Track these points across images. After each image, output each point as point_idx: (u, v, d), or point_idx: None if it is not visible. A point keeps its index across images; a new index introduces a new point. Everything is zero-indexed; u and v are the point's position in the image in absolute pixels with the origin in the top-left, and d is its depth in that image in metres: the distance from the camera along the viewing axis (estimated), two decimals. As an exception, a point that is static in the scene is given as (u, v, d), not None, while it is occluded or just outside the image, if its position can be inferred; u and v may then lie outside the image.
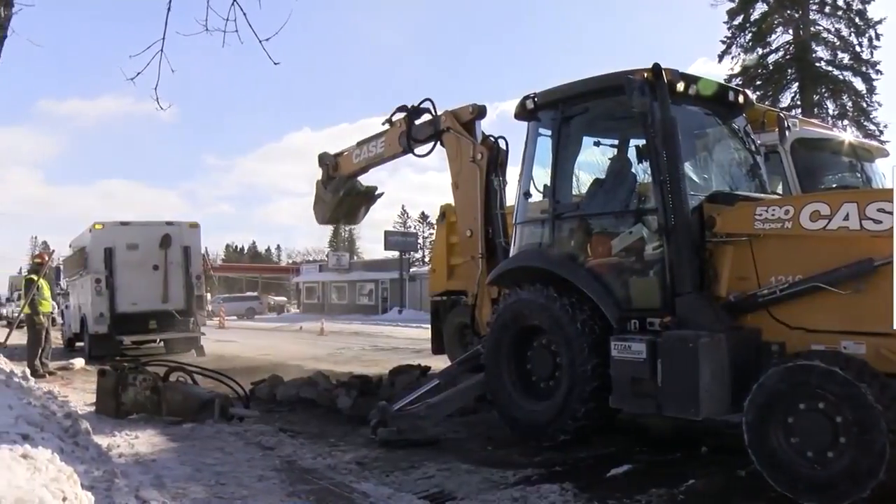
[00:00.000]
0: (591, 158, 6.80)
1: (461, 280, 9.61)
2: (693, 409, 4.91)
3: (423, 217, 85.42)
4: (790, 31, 32.57)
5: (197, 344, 15.77)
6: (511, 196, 7.61)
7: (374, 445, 6.36)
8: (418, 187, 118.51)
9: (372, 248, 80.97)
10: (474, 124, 8.24)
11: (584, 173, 6.73)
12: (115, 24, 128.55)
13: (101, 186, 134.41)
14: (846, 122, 30.57)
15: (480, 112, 8.29)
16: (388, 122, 9.11)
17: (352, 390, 8.37)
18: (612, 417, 6.10)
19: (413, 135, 8.80)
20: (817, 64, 32.14)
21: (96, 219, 16.00)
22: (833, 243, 4.79)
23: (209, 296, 26.62)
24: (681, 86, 5.65)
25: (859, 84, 32.03)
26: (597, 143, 6.74)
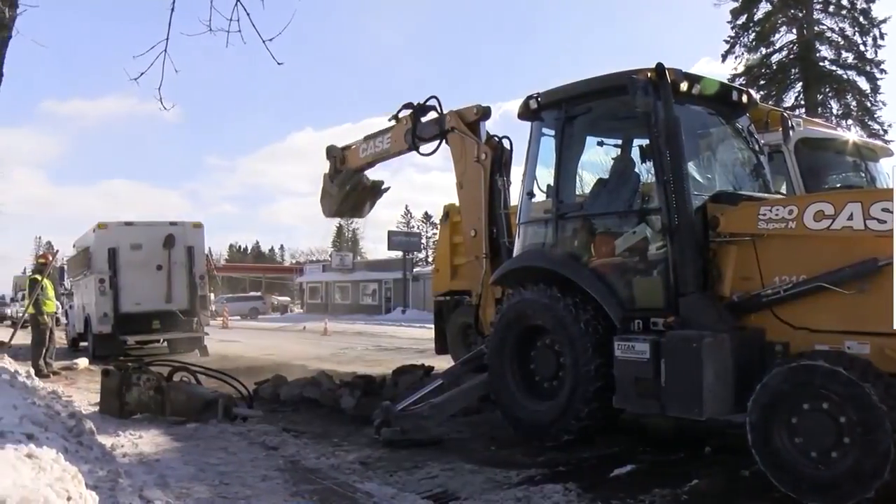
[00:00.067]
0: (595, 158, 6.80)
1: (464, 280, 9.61)
2: (696, 409, 4.91)
3: (427, 217, 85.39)
4: (794, 31, 32.52)
5: (200, 344, 15.82)
6: (515, 196, 7.60)
7: (378, 445, 6.36)
8: (422, 187, 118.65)
9: (375, 248, 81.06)
10: (479, 125, 8.23)
11: (587, 173, 6.74)
12: (118, 24, 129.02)
13: (105, 186, 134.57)
14: (850, 122, 30.50)
15: (485, 113, 8.28)
16: (395, 118, 9.12)
17: (355, 390, 8.37)
18: (615, 417, 6.09)
19: (418, 133, 8.79)
20: (821, 63, 32.08)
21: (100, 219, 16.09)
22: (837, 243, 4.78)
23: (213, 296, 26.69)
24: (684, 85, 5.65)
25: (863, 83, 31.99)
26: (600, 143, 6.72)
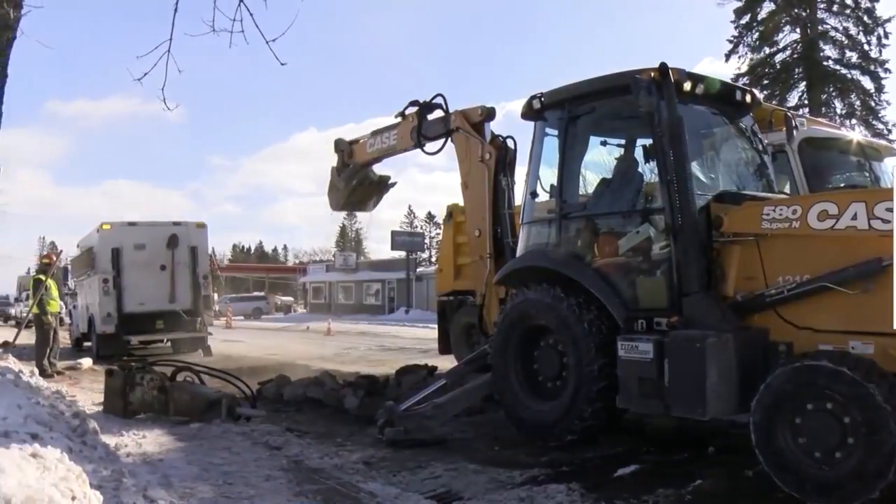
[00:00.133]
0: (598, 158, 6.79)
1: (468, 280, 9.61)
2: (700, 410, 4.90)
3: (430, 217, 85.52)
4: (797, 30, 32.49)
5: (204, 344, 15.82)
6: (519, 196, 7.60)
7: (381, 445, 6.37)
8: (425, 187, 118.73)
9: (379, 248, 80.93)
10: (483, 126, 8.25)
11: (590, 173, 6.73)
12: (121, 24, 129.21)
13: (108, 187, 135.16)
14: (854, 121, 30.49)
15: (489, 114, 8.30)
16: (401, 115, 9.14)
17: (359, 390, 8.37)
18: (618, 417, 6.09)
19: (423, 131, 8.81)
20: (825, 63, 32.05)
21: (103, 219, 16.12)
22: (841, 243, 4.77)
23: (216, 296, 26.73)
24: (688, 85, 5.64)
25: (868, 83, 31.99)
26: (603, 143, 6.71)
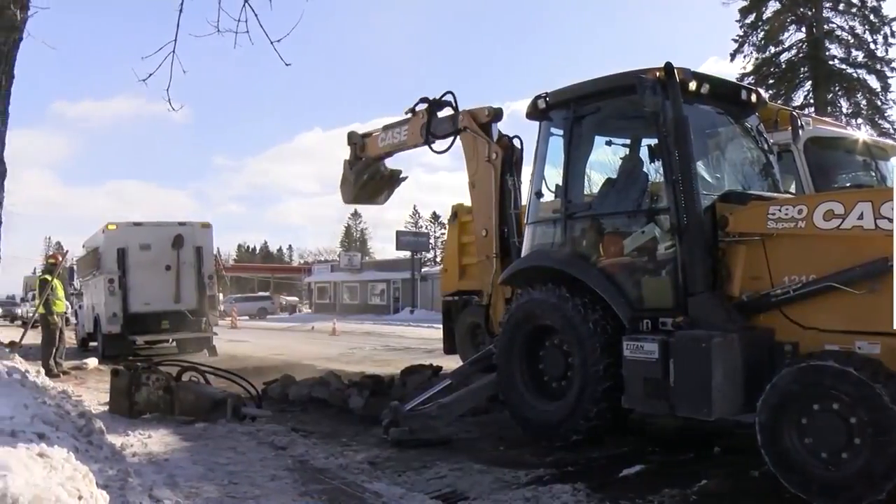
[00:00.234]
0: (603, 158, 6.79)
1: (473, 280, 9.61)
2: (705, 410, 4.89)
3: (435, 217, 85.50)
4: (803, 29, 32.37)
5: (209, 344, 15.86)
6: (526, 196, 7.60)
7: (386, 445, 6.37)
8: (430, 187, 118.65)
9: (383, 248, 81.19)
10: (490, 126, 8.30)
11: (595, 173, 6.73)
12: (126, 26, 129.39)
13: (114, 187, 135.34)
14: (860, 121, 30.32)
15: (497, 115, 8.36)
16: (411, 111, 9.17)
17: (364, 390, 8.38)
18: (624, 417, 6.08)
19: (432, 129, 8.84)
20: (831, 62, 31.91)
21: (109, 219, 16.15)
22: (847, 242, 4.75)
23: (221, 296, 26.70)
24: (693, 85, 5.63)
25: (874, 82, 31.80)
26: (609, 143, 6.72)
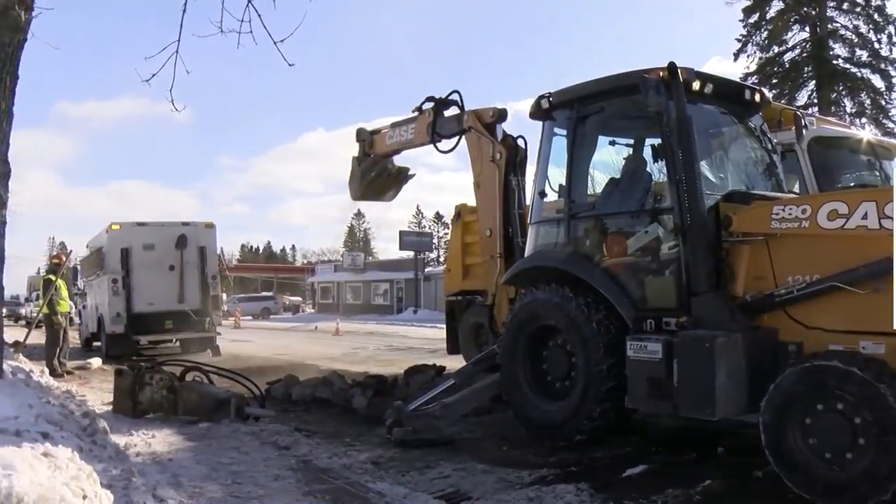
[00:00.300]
0: (607, 158, 6.79)
1: (476, 280, 9.61)
2: (709, 410, 4.88)
3: (438, 217, 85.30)
4: (807, 29, 32.33)
5: (213, 344, 15.88)
6: (530, 196, 7.60)
7: (390, 445, 6.37)
8: (433, 187, 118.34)
9: (387, 248, 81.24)
10: (495, 127, 8.33)
11: (599, 173, 6.73)
12: (130, 25, 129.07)
13: (117, 187, 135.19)
14: (864, 120, 30.30)
15: (501, 115, 8.41)
16: (418, 110, 9.20)
17: (367, 390, 8.39)
18: (627, 417, 6.08)
19: (438, 128, 8.86)
20: (834, 61, 31.89)
21: (113, 219, 16.19)
22: (851, 242, 4.74)
23: (225, 296, 26.81)
24: (696, 84, 5.62)
25: (878, 81, 31.82)
26: (612, 143, 6.71)
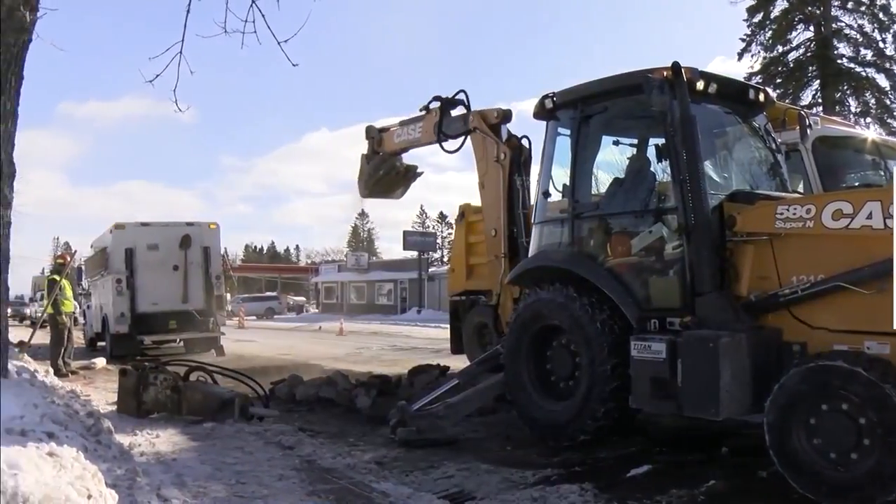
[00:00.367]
0: (611, 158, 6.77)
1: (480, 280, 9.61)
2: (713, 410, 4.88)
3: (442, 217, 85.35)
4: (811, 28, 32.27)
5: (217, 344, 15.89)
6: (534, 196, 7.61)
7: (394, 445, 6.38)
8: (437, 187, 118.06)
9: (391, 248, 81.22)
10: (500, 127, 8.36)
11: (603, 173, 6.71)
12: (134, 26, 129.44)
13: (121, 187, 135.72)
14: (869, 120, 30.21)
15: (506, 116, 8.46)
16: (425, 109, 9.22)
17: (371, 390, 8.39)
18: (631, 417, 6.08)
19: (444, 128, 8.90)
20: (839, 61, 31.81)
21: (117, 219, 16.21)
22: (856, 242, 4.73)
23: (229, 296, 26.79)
24: (700, 84, 5.61)
25: (882, 81, 31.76)
26: (616, 143, 6.70)
